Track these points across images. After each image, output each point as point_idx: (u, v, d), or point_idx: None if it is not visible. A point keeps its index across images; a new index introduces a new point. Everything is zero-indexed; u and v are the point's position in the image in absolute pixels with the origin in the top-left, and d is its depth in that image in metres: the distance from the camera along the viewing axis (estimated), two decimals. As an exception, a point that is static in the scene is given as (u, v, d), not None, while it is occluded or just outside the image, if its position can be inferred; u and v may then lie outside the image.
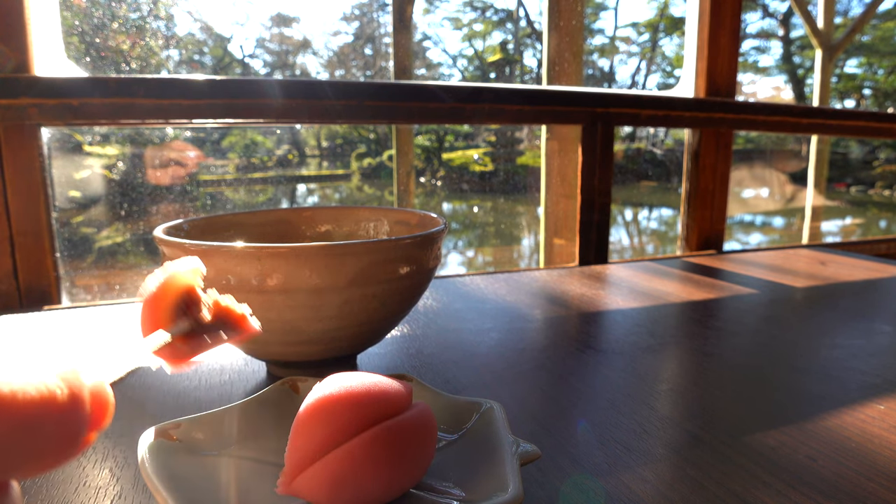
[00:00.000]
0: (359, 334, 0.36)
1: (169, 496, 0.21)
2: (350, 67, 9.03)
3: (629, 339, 0.48)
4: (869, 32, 8.15)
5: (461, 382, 0.39)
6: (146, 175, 3.50)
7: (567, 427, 0.33)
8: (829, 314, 0.55)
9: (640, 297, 0.61)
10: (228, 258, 0.32)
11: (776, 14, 9.25)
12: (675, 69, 9.60)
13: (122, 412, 0.35)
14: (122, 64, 2.66)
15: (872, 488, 0.27)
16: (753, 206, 6.80)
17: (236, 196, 5.69)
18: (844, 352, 0.45)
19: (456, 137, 7.22)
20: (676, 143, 7.10)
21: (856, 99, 8.83)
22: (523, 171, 6.62)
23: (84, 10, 1.87)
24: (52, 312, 0.56)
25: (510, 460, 0.23)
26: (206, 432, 0.26)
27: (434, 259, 0.38)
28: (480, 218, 6.14)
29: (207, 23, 7.33)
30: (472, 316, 0.54)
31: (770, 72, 9.75)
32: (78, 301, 0.69)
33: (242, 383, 0.39)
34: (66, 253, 0.72)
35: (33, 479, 0.28)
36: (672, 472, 0.28)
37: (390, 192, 6.69)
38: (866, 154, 7.55)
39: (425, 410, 0.24)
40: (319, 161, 8.04)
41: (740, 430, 0.32)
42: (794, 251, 0.88)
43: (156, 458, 0.23)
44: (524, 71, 9.39)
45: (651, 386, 0.39)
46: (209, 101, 0.69)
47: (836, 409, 0.35)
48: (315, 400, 0.22)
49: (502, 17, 9.82)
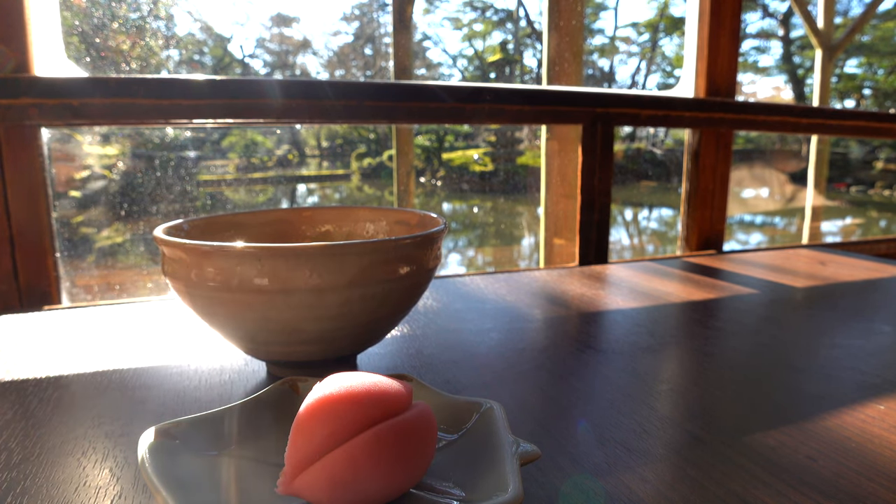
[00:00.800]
0: (359, 334, 0.36)
1: (169, 496, 0.21)
2: (350, 67, 9.03)
3: (629, 339, 0.48)
4: (869, 32, 8.15)
5: (461, 382, 0.39)
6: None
7: (567, 427, 0.33)
8: (828, 314, 0.55)
9: (640, 297, 0.61)
10: (228, 258, 0.32)
11: (776, 14, 9.26)
12: (675, 69, 9.60)
13: (122, 412, 0.35)
14: (122, 64, 2.66)
15: (872, 488, 0.27)
16: (753, 206, 6.80)
17: (236, 196, 5.68)
18: (844, 352, 0.45)
19: (456, 137, 7.22)
20: (676, 143, 7.09)
21: (856, 99, 8.83)
22: (523, 171, 6.62)
23: (84, 10, 1.87)
24: (52, 312, 0.56)
25: (510, 460, 0.23)
26: (206, 432, 0.26)
27: (434, 259, 0.38)
28: (480, 218, 6.13)
29: (207, 23, 7.33)
30: (472, 316, 0.54)
31: (770, 72, 9.75)
32: (78, 301, 0.69)
33: (242, 383, 0.39)
34: (66, 253, 0.72)
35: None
36: (672, 473, 0.28)
37: (390, 192, 6.69)
38: (866, 154, 7.55)
39: (425, 410, 0.24)
40: (319, 161, 8.04)
41: (740, 430, 0.32)
42: (794, 251, 0.88)
43: (156, 458, 0.23)
44: (524, 71, 9.39)
45: (651, 386, 0.39)
46: (209, 101, 0.69)
47: (836, 409, 0.35)
48: (315, 400, 0.22)
49: (502, 17, 9.82)
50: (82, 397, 0.37)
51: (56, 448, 0.31)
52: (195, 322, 0.52)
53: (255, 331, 0.34)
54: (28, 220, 0.65)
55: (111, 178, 3.49)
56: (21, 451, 0.30)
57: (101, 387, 0.38)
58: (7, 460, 0.29)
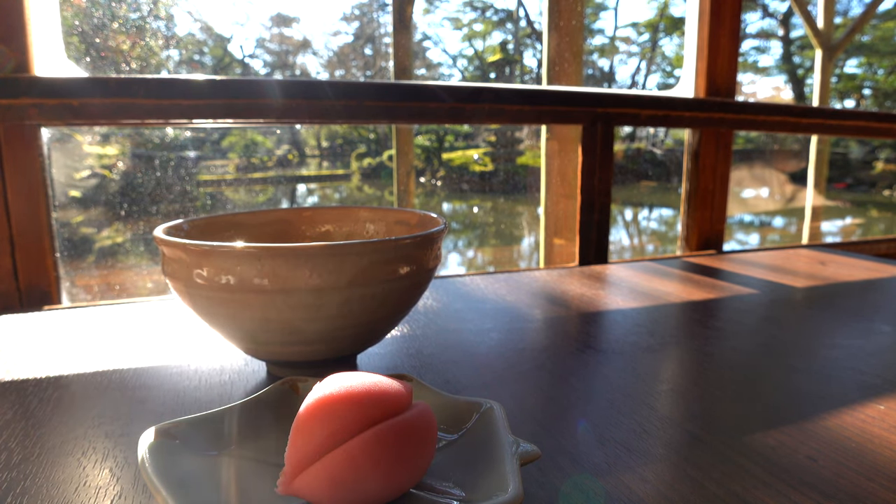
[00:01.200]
0: (359, 334, 0.36)
1: (169, 496, 0.21)
2: (350, 67, 9.04)
3: (629, 339, 0.48)
4: (869, 32, 8.15)
5: (461, 382, 0.39)
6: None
7: (567, 427, 0.33)
8: (828, 314, 0.55)
9: (640, 297, 0.61)
10: (228, 258, 0.32)
11: (776, 14, 9.26)
12: (675, 69, 9.61)
13: (122, 412, 0.35)
14: (122, 64, 2.66)
15: (872, 488, 0.27)
16: (753, 206, 6.80)
17: (236, 196, 5.68)
18: (844, 352, 0.45)
19: (456, 137, 7.22)
20: (676, 143, 7.10)
21: (856, 99, 8.83)
22: (523, 171, 6.62)
23: (84, 10, 1.87)
24: (52, 312, 0.56)
25: (510, 460, 0.23)
26: (206, 432, 0.26)
27: (434, 259, 0.38)
28: (480, 218, 6.14)
29: (207, 23, 7.33)
30: (472, 316, 0.54)
31: (770, 72, 9.76)
32: (78, 301, 0.69)
33: (242, 383, 0.39)
34: (66, 253, 0.72)
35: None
36: (672, 472, 0.28)
37: (390, 192, 6.69)
38: (866, 154, 7.55)
39: (425, 410, 0.24)
40: (319, 161, 8.04)
41: (740, 430, 0.32)
42: (794, 251, 0.88)
43: (156, 458, 0.23)
44: (524, 71, 9.39)
45: (651, 386, 0.39)
46: (209, 101, 0.69)
47: (836, 409, 0.35)
48: (315, 400, 0.22)
49: (502, 17, 9.82)
50: (82, 397, 0.37)
51: (56, 448, 0.31)
52: (195, 322, 0.52)
53: (256, 331, 0.34)
54: (28, 220, 0.65)
55: (111, 177, 3.49)
56: (21, 451, 0.30)
57: (101, 387, 0.38)
58: (7, 460, 0.29)
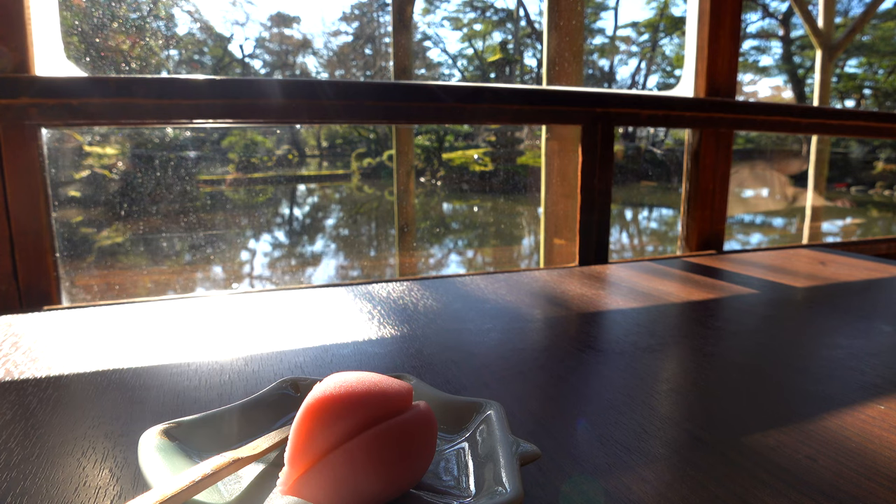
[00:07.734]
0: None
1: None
2: (350, 67, 9.03)
3: (629, 339, 0.48)
4: (869, 32, 8.15)
5: (461, 382, 0.39)
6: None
7: (567, 427, 0.33)
8: (829, 314, 0.55)
9: (640, 297, 0.61)
10: None
11: (776, 14, 9.26)
12: (675, 69, 9.61)
13: (121, 412, 0.35)
14: (122, 64, 2.66)
15: (872, 488, 0.27)
16: (753, 206, 6.80)
17: (236, 196, 5.68)
18: (845, 352, 0.45)
19: (456, 137, 7.22)
20: (676, 143, 7.09)
21: (856, 99, 8.83)
22: (523, 171, 6.62)
23: (84, 10, 1.87)
24: (52, 312, 0.56)
25: (510, 460, 0.23)
26: (206, 432, 0.26)
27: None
28: (480, 218, 6.14)
29: (207, 23, 7.33)
30: (472, 316, 0.54)
31: (770, 72, 9.75)
32: (78, 301, 0.69)
33: (242, 383, 0.39)
34: (65, 253, 0.72)
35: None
36: (672, 473, 0.28)
37: (390, 192, 6.69)
38: (866, 154, 7.55)
39: (425, 410, 0.24)
40: (319, 161, 8.04)
41: (740, 430, 0.32)
42: (794, 251, 0.88)
43: (156, 458, 0.23)
44: (524, 71, 9.39)
45: (651, 386, 0.39)
46: (209, 101, 0.69)
47: (836, 409, 0.35)
48: (315, 400, 0.22)
49: (502, 17, 9.82)
50: (82, 397, 0.37)
51: (56, 448, 0.31)
52: (195, 322, 0.52)
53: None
54: (28, 220, 0.65)
55: (111, 177, 3.49)
56: (21, 451, 0.30)
57: (101, 387, 0.38)
58: (7, 460, 0.29)
